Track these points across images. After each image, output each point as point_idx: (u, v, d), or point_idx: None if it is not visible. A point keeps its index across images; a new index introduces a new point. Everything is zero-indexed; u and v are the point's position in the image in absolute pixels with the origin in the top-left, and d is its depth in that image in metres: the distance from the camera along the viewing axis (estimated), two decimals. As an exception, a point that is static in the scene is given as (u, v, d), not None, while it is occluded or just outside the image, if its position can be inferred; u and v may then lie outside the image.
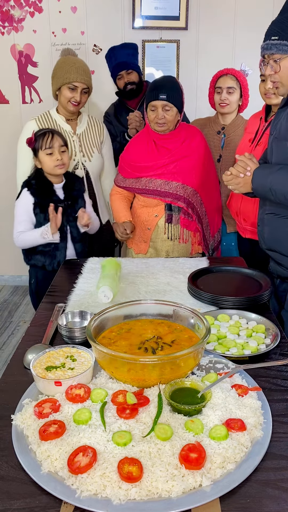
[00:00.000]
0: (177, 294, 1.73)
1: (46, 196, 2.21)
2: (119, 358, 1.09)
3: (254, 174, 1.72)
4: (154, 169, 2.28)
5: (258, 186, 1.71)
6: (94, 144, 2.64)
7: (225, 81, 2.60)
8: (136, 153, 2.34)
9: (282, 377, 1.22)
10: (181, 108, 2.23)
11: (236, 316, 1.53)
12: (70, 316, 1.48)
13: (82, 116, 2.65)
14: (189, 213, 2.31)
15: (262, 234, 1.86)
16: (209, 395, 1.06)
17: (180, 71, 3.64)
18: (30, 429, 1.00)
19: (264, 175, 1.69)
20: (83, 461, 0.89)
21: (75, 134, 2.58)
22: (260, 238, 1.88)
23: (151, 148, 2.30)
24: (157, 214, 2.33)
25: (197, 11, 3.51)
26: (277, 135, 1.73)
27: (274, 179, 1.65)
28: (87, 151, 2.60)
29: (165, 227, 2.34)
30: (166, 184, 2.28)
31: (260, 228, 1.87)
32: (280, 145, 1.70)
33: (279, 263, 1.82)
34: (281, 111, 1.77)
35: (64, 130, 2.55)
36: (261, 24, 3.47)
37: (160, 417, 1.01)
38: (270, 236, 1.81)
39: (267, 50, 1.64)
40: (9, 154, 3.44)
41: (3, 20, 3.55)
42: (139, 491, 0.85)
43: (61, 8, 3.52)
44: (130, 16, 3.51)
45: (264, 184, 1.68)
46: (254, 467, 0.91)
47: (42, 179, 2.24)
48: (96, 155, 2.63)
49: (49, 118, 2.57)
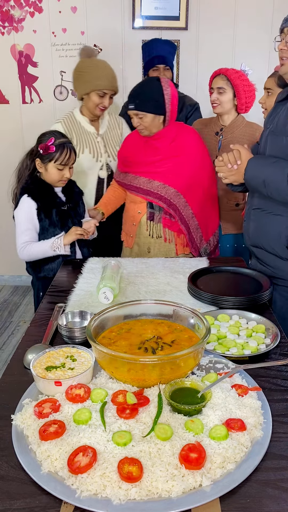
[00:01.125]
0: (177, 294, 1.73)
1: (49, 200, 2.12)
2: (119, 358, 1.09)
3: (248, 164, 1.69)
4: (140, 166, 2.31)
5: (251, 177, 1.68)
6: (117, 142, 2.66)
7: (217, 81, 2.59)
8: (128, 148, 2.39)
9: (282, 377, 1.22)
10: (159, 110, 2.20)
11: (236, 316, 1.53)
12: (70, 316, 1.48)
13: (103, 115, 2.65)
14: (170, 214, 2.31)
15: (247, 229, 1.84)
16: (209, 395, 1.06)
17: (180, 71, 3.64)
18: (30, 429, 1.00)
19: (259, 166, 1.67)
20: (83, 461, 0.89)
21: (99, 135, 2.61)
22: (245, 234, 1.86)
23: (141, 145, 2.32)
24: (140, 211, 2.36)
25: (197, 11, 3.51)
26: (273, 129, 1.71)
27: (269, 171, 1.63)
28: (111, 151, 2.64)
29: (147, 225, 2.35)
30: (149, 183, 2.30)
31: (246, 224, 1.85)
32: (276, 139, 1.68)
33: (261, 261, 1.81)
34: (279, 104, 1.75)
35: (88, 132, 2.58)
36: (261, 24, 3.50)
37: (160, 417, 1.01)
38: (256, 232, 1.79)
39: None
40: (9, 154, 3.45)
41: (3, 20, 3.55)
42: (139, 491, 0.85)
43: (61, 8, 3.52)
44: (130, 16, 3.52)
45: (257, 175, 1.66)
46: (254, 467, 0.91)
47: (41, 183, 2.14)
48: None
49: (73, 120, 2.59)
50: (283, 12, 1.79)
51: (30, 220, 2.10)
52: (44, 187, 2.14)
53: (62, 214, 2.15)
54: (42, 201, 2.11)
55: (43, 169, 2.11)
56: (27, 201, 2.10)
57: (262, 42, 3.54)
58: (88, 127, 2.59)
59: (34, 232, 2.11)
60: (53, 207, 2.13)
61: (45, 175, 2.13)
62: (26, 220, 2.10)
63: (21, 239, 2.11)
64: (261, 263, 1.82)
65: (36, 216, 2.10)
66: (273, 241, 1.71)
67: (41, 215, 2.10)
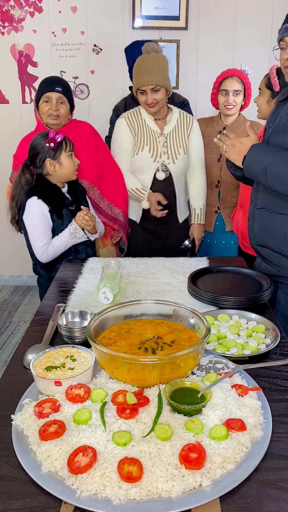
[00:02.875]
0: (177, 294, 1.73)
1: (58, 201, 2.12)
2: (119, 358, 1.09)
3: (250, 149, 1.65)
4: None
5: (252, 162, 1.64)
6: (181, 144, 2.54)
7: (232, 83, 2.60)
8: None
9: (282, 377, 1.22)
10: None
11: (236, 316, 1.53)
12: (70, 316, 1.48)
13: (172, 114, 2.55)
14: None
15: (252, 229, 1.83)
16: (209, 395, 1.06)
17: (180, 71, 3.64)
18: (30, 429, 1.00)
19: (263, 151, 1.63)
20: (83, 461, 0.89)
21: (162, 134, 2.51)
22: (250, 233, 1.86)
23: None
24: None
25: (197, 11, 3.51)
26: (275, 128, 1.70)
27: (272, 158, 1.59)
28: (173, 153, 2.52)
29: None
30: None
31: (250, 223, 1.85)
32: (279, 138, 1.67)
33: (267, 260, 1.81)
34: (281, 104, 1.75)
35: (152, 130, 2.50)
36: (261, 24, 3.50)
37: (160, 417, 1.01)
38: (260, 231, 1.78)
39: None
40: (9, 153, 3.44)
41: (3, 20, 3.55)
42: (139, 491, 0.85)
43: (61, 8, 3.52)
44: (130, 16, 3.52)
45: (259, 160, 1.61)
46: (254, 467, 0.91)
47: (49, 185, 2.12)
48: (181, 156, 2.54)
49: (138, 116, 2.52)
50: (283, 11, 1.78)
51: (47, 222, 2.08)
52: (53, 189, 2.13)
53: (72, 215, 2.15)
54: (53, 203, 2.10)
55: (57, 166, 2.09)
56: (38, 204, 2.07)
57: (262, 42, 3.54)
58: (152, 125, 2.50)
59: (50, 233, 2.10)
60: (63, 208, 2.12)
61: (60, 172, 2.11)
62: (41, 223, 2.07)
63: (40, 242, 2.07)
64: (266, 262, 1.82)
65: (50, 218, 2.09)
66: (278, 240, 1.71)
67: (53, 216, 2.09)
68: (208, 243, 2.85)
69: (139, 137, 2.49)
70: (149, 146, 2.49)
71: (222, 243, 2.82)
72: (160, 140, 2.49)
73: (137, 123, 2.50)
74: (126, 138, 2.51)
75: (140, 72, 2.35)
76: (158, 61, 2.36)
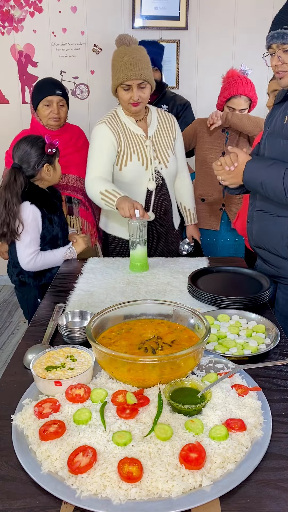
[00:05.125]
0: (177, 294, 1.73)
1: (50, 206, 2.08)
2: (119, 358, 1.09)
3: (246, 166, 1.70)
4: None
5: (249, 178, 1.70)
6: (169, 145, 2.26)
7: (239, 103, 2.58)
8: None
9: (282, 377, 1.22)
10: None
11: (236, 316, 1.53)
12: (70, 316, 1.48)
13: (150, 113, 2.26)
14: (86, 205, 2.40)
15: (250, 231, 1.85)
16: (209, 395, 1.06)
17: (180, 71, 3.65)
18: (30, 429, 1.00)
19: (257, 168, 1.68)
20: (83, 461, 0.89)
21: (148, 137, 2.21)
22: (248, 235, 1.88)
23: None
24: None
25: (197, 11, 3.51)
26: (271, 131, 1.72)
27: (266, 174, 1.64)
28: (163, 156, 2.23)
29: (68, 219, 2.43)
30: (64, 177, 2.36)
31: (249, 225, 1.87)
32: (274, 141, 1.69)
33: (266, 261, 1.82)
34: (277, 107, 1.76)
35: (135, 134, 2.19)
36: (261, 24, 3.50)
37: (160, 417, 1.01)
38: (258, 233, 1.80)
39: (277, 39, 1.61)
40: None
41: (3, 20, 3.55)
42: (139, 491, 0.85)
43: (61, 8, 3.52)
44: (130, 16, 3.52)
45: (255, 177, 1.67)
46: (254, 467, 0.91)
47: (40, 190, 2.08)
48: (171, 158, 2.27)
49: (118, 120, 2.20)
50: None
51: (37, 229, 2.03)
52: (43, 194, 2.09)
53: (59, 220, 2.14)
54: (45, 208, 2.06)
55: (52, 171, 2.08)
56: (32, 210, 2.00)
57: (262, 42, 3.51)
58: (134, 128, 2.20)
59: (39, 240, 2.05)
60: (54, 213, 2.11)
61: (53, 177, 2.10)
62: (33, 230, 2.01)
63: (29, 250, 2.01)
64: (265, 263, 1.83)
65: (41, 224, 2.04)
66: (276, 242, 1.72)
67: (45, 222, 2.05)
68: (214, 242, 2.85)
69: (124, 144, 2.16)
70: (137, 154, 2.18)
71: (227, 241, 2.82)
72: (148, 144, 2.19)
73: (119, 128, 2.18)
74: (110, 144, 2.15)
75: (127, 64, 2.04)
76: (144, 54, 2.10)
